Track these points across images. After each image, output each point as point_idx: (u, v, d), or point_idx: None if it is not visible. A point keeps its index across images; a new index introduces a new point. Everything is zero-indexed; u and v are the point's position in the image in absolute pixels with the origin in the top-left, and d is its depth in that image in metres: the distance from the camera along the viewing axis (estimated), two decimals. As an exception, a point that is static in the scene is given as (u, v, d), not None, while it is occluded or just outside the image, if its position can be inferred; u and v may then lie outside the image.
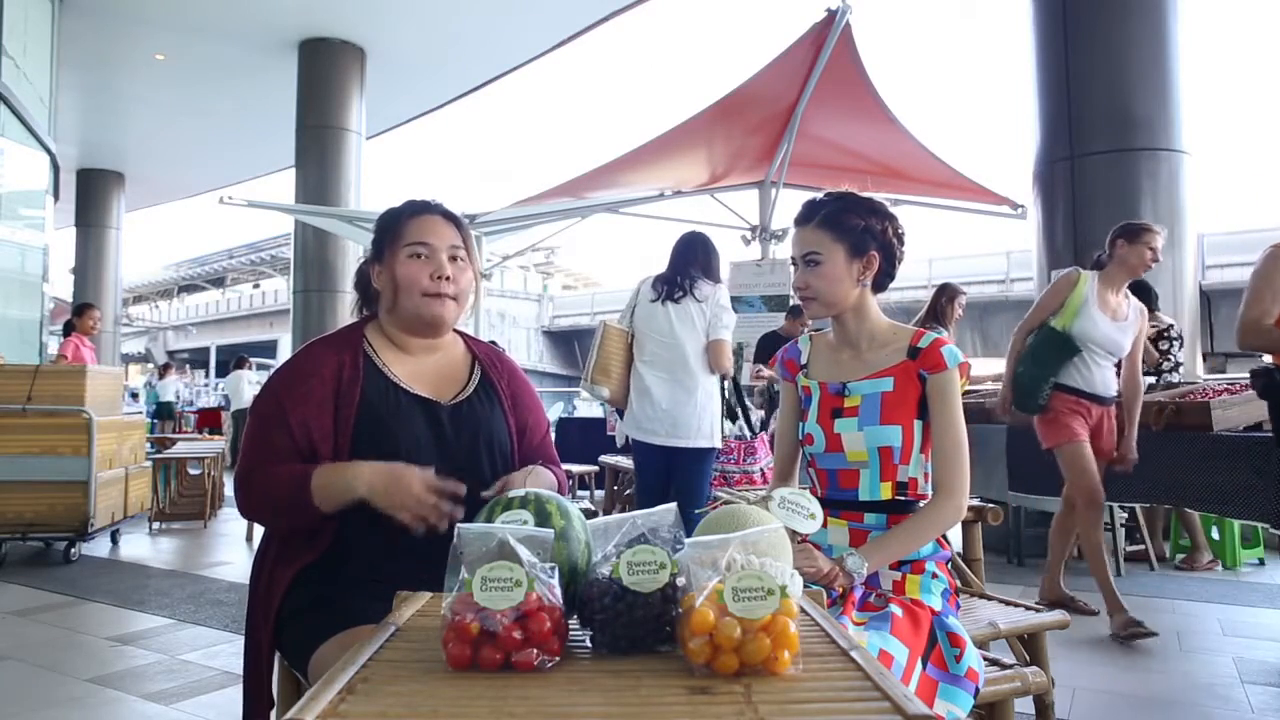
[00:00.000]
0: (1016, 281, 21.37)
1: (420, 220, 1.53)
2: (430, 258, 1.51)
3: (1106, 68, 5.60)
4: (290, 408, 1.43)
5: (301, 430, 1.42)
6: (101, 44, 10.72)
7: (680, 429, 3.26)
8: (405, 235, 1.52)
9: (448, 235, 1.54)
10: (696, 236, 3.47)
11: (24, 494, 4.81)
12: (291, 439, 1.41)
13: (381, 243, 1.54)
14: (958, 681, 1.41)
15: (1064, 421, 3.41)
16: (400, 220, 1.54)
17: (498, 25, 10.72)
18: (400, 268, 1.50)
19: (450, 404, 1.52)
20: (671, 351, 3.30)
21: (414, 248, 1.50)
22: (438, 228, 1.53)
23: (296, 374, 1.48)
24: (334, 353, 1.50)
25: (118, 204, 16.89)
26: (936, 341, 1.59)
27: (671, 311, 3.30)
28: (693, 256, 3.37)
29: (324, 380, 1.45)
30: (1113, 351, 3.41)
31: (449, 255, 1.52)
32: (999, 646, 1.95)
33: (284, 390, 1.46)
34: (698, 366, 3.28)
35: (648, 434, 3.29)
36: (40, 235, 8.53)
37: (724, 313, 3.31)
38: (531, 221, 7.71)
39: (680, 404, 3.26)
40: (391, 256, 1.51)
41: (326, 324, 9.91)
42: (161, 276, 44.20)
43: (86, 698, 2.74)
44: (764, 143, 7.20)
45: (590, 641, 0.96)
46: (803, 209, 1.66)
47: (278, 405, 1.45)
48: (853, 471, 1.59)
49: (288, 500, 1.38)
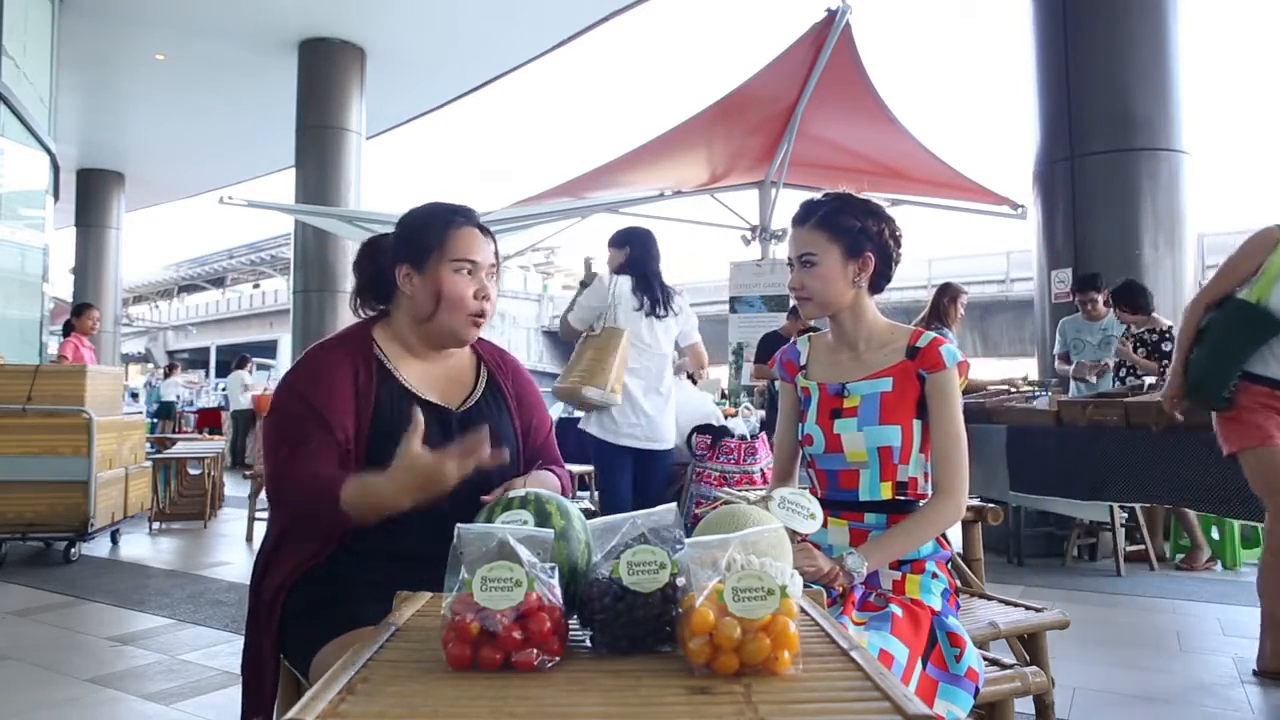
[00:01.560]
0: (1016, 281, 21.36)
1: (466, 233, 1.49)
2: (474, 276, 1.48)
3: (1106, 68, 5.60)
4: (323, 406, 1.40)
5: (340, 428, 1.39)
6: (101, 44, 10.72)
7: (657, 433, 3.40)
8: (453, 248, 1.47)
9: (488, 253, 1.51)
10: (649, 234, 3.54)
11: (24, 494, 4.81)
12: (329, 434, 1.39)
13: (423, 249, 1.48)
14: (958, 681, 1.41)
15: (1254, 420, 2.73)
16: (447, 229, 1.49)
17: (498, 25, 10.72)
18: (447, 282, 1.46)
19: (461, 410, 1.51)
20: (654, 361, 3.44)
21: (462, 264, 1.47)
22: (481, 244, 1.50)
23: (320, 375, 1.44)
24: (348, 356, 1.47)
25: (118, 204, 16.89)
26: (935, 341, 1.59)
27: (656, 325, 3.43)
28: (656, 258, 3.49)
29: (345, 383, 1.43)
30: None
31: (487, 274, 1.51)
32: (999, 646, 1.95)
33: (310, 390, 1.43)
34: (670, 374, 3.52)
35: (626, 438, 3.37)
36: (40, 235, 8.53)
37: (693, 317, 3.57)
38: (531, 221, 7.72)
39: (660, 410, 3.42)
40: (437, 266, 1.47)
41: (326, 324, 9.91)
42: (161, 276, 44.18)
43: (86, 698, 2.74)
44: (764, 143, 7.20)
45: (590, 641, 0.96)
46: (800, 209, 1.67)
47: (308, 405, 1.41)
48: (852, 472, 1.59)
49: (318, 505, 1.34)
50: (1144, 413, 3.58)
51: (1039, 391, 4.65)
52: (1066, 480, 3.88)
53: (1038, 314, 6.00)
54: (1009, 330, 21.39)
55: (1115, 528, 4.52)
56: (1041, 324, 5.90)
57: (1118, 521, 4.54)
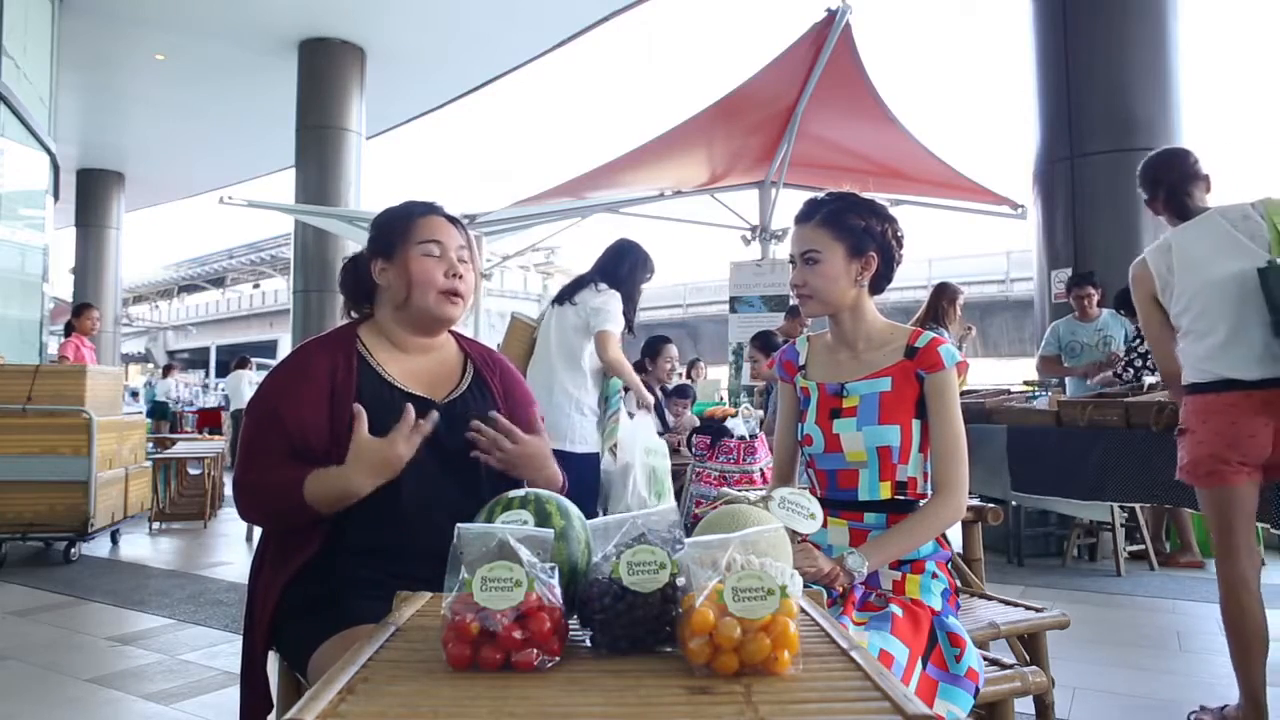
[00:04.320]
0: (1016, 281, 21.39)
1: (430, 219, 1.55)
2: (443, 256, 1.52)
3: (1106, 68, 5.61)
4: (285, 410, 1.43)
5: (298, 431, 1.42)
6: (101, 44, 10.72)
7: (555, 432, 3.14)
8: (417, 233, 1.52)
9: (456, 237, 1.56)
10: (623, 244, 3.44)
11: (24, 494, 4.81)
12: (288, 441, 1.41)
13: (390, 239, 1.54)
14: (958, 681, 1.41)
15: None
16: (411, 218, 1.55)
17: (498, 25, 10.72)
18: (414, 264, 1.50)
19: (444, 402, 1.52)
20: (543, 350, 3.35)
21: (427, 245, 1.52)
22: (447, 229, 1.55)
23: (290, 375, 1.49)
24: (327, 353, 1.50)
25: (118, 204, 16.90)
26: (934, 341, 1.59)
27: (552, 315, 3.35)
28: (606, 263, 3.38)
29: (318, 380, 1.45)
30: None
31: (457, 256, 1.54)
32: (999, 646, 1.95)
33: (278, 393, 1.47)
34: (560, 367, 3.29)
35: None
36: (40, 235, 8.53)
37: (601, 309, 3.24)
38: (531, 221, 7.71)
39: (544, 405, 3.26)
40: (404, 252, 1.51)
41: (326, 324, 9.91)
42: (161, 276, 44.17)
43: (86, 698, 2.74)
44: (764, 143, 7.20)
45: (590, 641, 0.96)
46: (804, 207, 1.67)
47: (272, 408, 1.45)
48: (852, 471, 1.59)
49: (284, 506, 1.39)
50: (1144, 413, 3.58)
51: (1039, 391, 4.65)
52: (1066, 480, 3.88)
53: (1038, 314, 5.99)
54: (1009, 330, 21.41)
55: (1115, 528, 4.52)
56: (1041, 324, 5.89)
57: (1118, 521, 4.54)
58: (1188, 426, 2.37)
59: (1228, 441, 2.26)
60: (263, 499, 1.43)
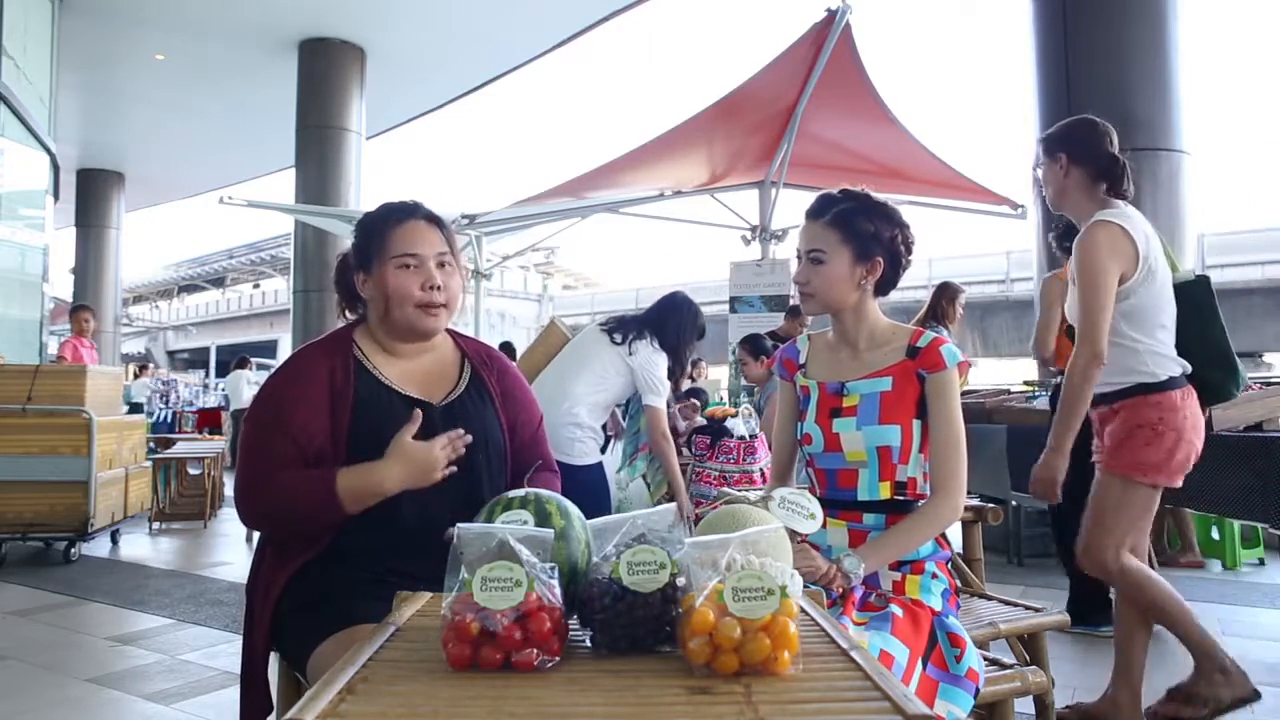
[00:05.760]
0: (1016, 281, 21.39)
1: (405, 228, 1.51)
2: (420, 268, 1.49)
3: (1106, 68, 5.60)
4: (289, 413, 1.43)
5: (303, 434, 1.41)
6: (101, 44, 10.72)
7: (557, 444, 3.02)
8: (392, 246, 1.49)
9: (435, 242, 1.52)
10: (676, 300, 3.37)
11: (24, 494, 4.81)
12: (294, 444, 1.41)
13: (368, 253, 1.52)
14: (958, 681, 1.41)
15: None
16: (385, 229, 1.51)
17: (498, 25, 10.73)
18: (390, 280, 1.48)
19: (442, 404, 1.52)
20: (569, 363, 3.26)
21: (402, 259, 1.49)
22: (424, 235, 1.52)
23: (291, 379, 1.48)
24: (325, 356, 1.50)
25: (118, 204, 16.89)
26: (935, 341, 1.59)
27: (594, 336, 3.28)
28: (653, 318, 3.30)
29: (318, 383, 1.45)
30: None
31: (437, 263, 1.51)
32: (999, 646, 1.95)
33: (280, 397, 1.47)
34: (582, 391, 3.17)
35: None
36: (40, 235, 8.53)
37: (647, 370, 3.17)
38: (531, 221, 7.71)
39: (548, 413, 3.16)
40: (380, 267, 1.49)
41: (326, 324, 9.91)
42: (161, 276, 44.18)
43: (86, 698, 2.74)
44: (764, 143, 7.20)
45: (590, 641, 0.96)
46: (816, 202, 1.64)
47: (276, 412, 1.45)
48: (851, 471, 1.59)
49: (308, 506, 1.38)
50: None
51: (1039, 391, 4.65)
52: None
53: (1038, 314, 5.99)
54: (1009, 330, 21.41)
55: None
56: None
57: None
58: (1168, 425, 2.22)
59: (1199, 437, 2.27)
60: (279, 501, 1.41)
